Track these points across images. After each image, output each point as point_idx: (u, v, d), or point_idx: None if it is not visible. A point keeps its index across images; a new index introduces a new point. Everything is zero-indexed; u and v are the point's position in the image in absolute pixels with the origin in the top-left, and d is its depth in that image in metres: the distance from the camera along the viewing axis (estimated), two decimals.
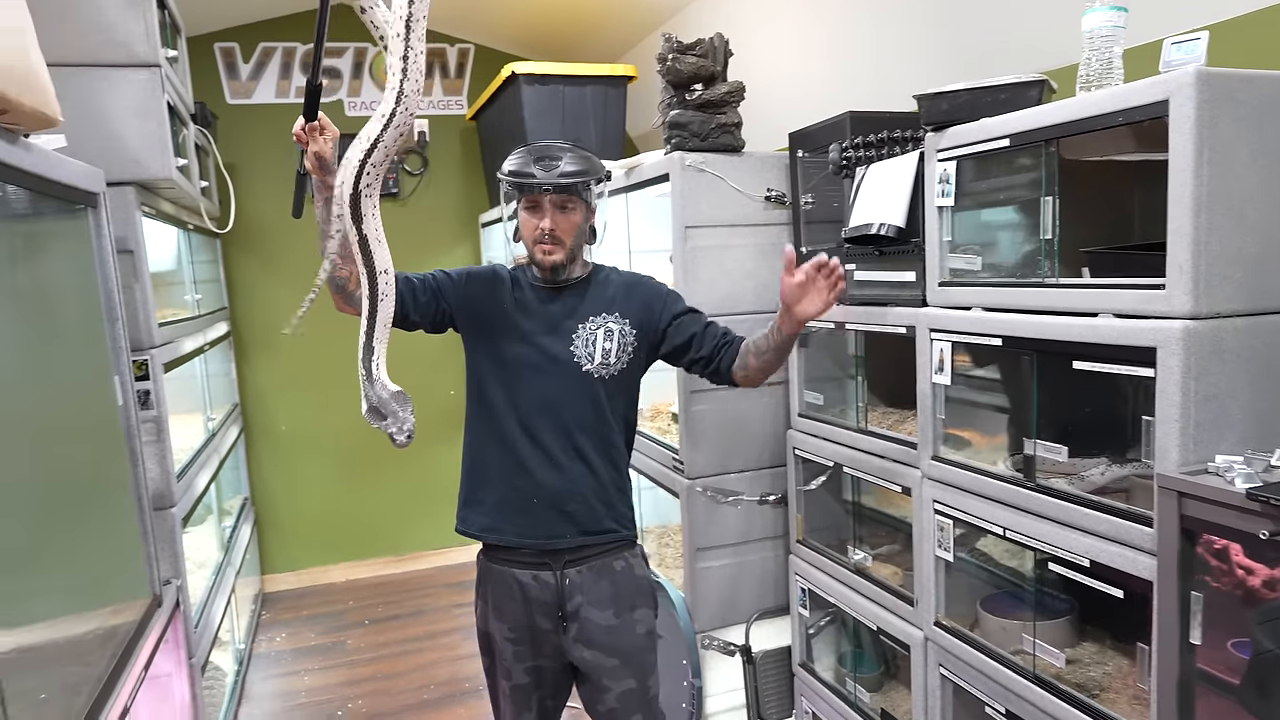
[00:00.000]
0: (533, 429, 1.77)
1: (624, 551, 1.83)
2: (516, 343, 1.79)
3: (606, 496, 1.80)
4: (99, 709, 1.59)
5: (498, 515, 1.80)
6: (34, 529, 1.56)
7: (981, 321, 1.55)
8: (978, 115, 1.56)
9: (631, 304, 1.82)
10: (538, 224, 1.74)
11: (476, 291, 1.83)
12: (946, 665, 1.73)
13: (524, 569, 1.78)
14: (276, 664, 3.51)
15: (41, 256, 1.77)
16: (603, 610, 1.78)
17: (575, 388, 1.77)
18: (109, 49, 2.25)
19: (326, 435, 4.31)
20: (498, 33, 4.28)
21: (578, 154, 1.76)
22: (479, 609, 1.87)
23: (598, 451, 1.79)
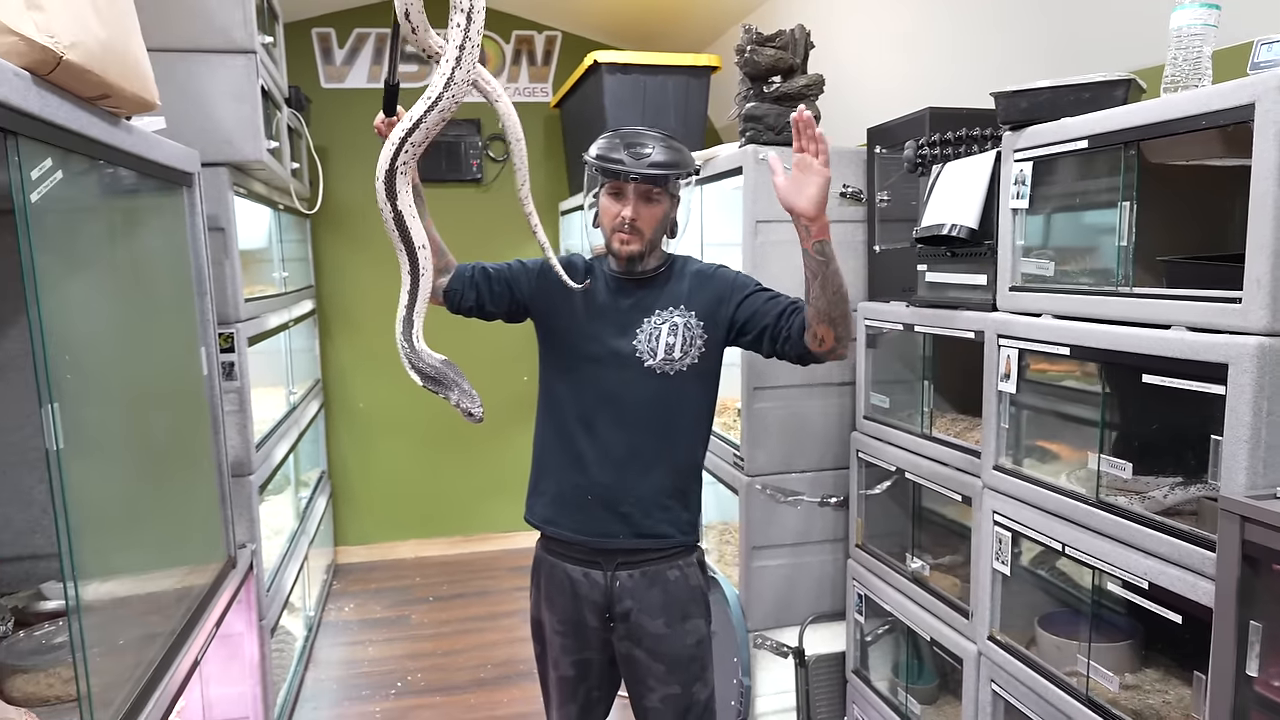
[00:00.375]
0: (592, 424, 1.73)
1: (680, 559, 1.78)
2: (581, 335, 1.76)
3: (664, 499, 1.74)
4: (170, 660, 1.69)
5: (556, 508, 1.78)
6: (126, 487, 1.66)
7: (1050, 329, 1.50)
8: (1058, 115, 1.50)
9: (701, 297, 1.75)
10: (619, 212, 1.69)
11: (549, 283, 1.78)
12: (998, 681, 1.69)
13: (575, 565, 1.77)
14: (344, 633, 3.64)
15: (140, 232, 1.87)
16: (653, 618, 1.74)
17: (637, 384, 1.72)
18: (208, 35, 2.36)
19: (403, 415, 4.44)
20: (585, 20, 4.31)
21: (669, 144, 1.70)
22: (533, 595, 1.88)
23: (659, 451, 1.73)
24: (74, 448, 1.31)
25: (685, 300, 1.75)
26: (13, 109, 1.14)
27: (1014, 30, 2.16)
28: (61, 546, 1.29)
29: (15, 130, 1.16)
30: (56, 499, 1.27)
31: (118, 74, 1.40)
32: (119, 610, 1.56)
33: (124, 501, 1.64)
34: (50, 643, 1.64)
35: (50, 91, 1.26)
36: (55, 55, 1.21)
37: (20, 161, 1.20)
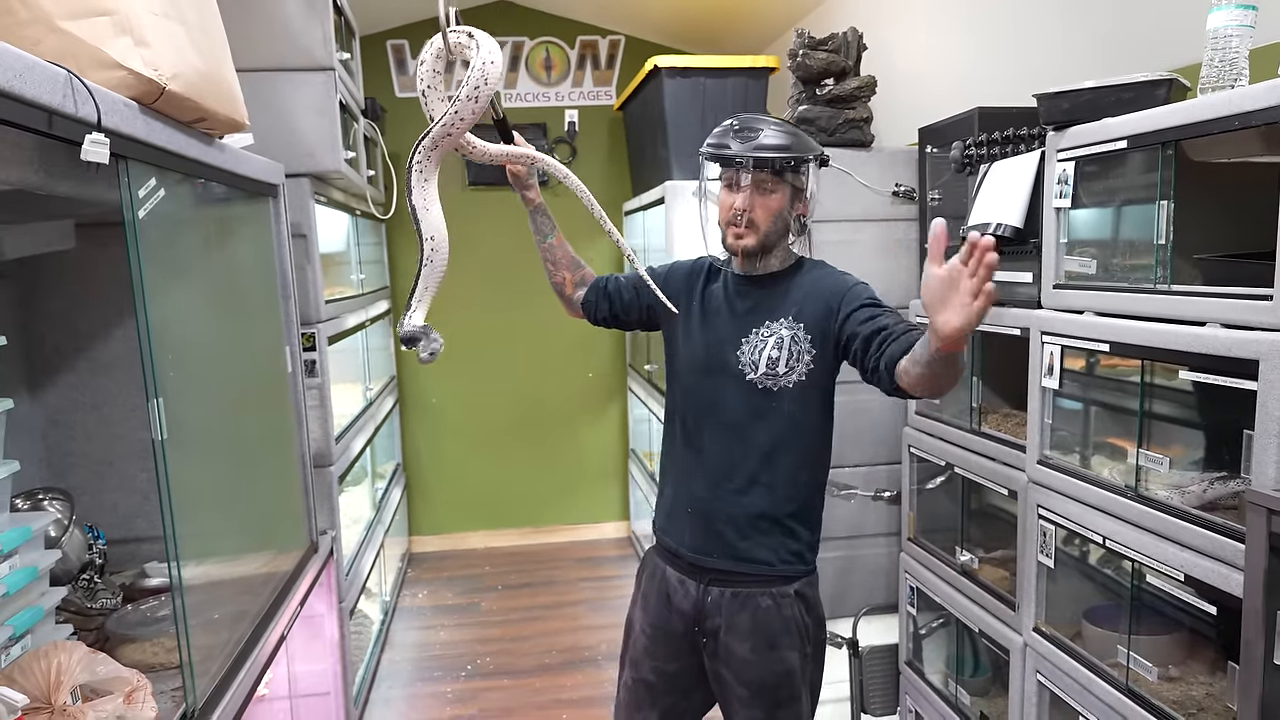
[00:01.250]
0: (695, 434, 1.68)
1: (775, 587, 1.65)
2: (692, 342, 1.71)
3: (761, 523, 1.64)
4: (258, 636, 1.84)
5: (666, 516, 1.77)
6: (220, 476, 1.81)
7: (1091, 326, 1.52)
8: (1100, 115, 1.52)
9: (812, 308, 1.61)
10: (732, 203, 1.60)
11: (672, 289, 1.75)
12: (1043, 672, 1.71)
13: (676, 570, 1.74)
14: (417, 618, 3.81)
15: (231, 240, 2.03)
16: (741, 641, 1.65)
17: (738, 397, 1.63)
18: (292, 55, 2.52)
19: (474, 410, 4.60)
20: (647, 24, 4.40)
21: (784, 129, 1.59)
22: (634, 593, 1.85)
23: (758, 471, 1.62)
24: (174, 439, 1.46)
25: (798, 311, 1.62)
26: (123, 136, 1.28)
27: (1062, 29, 2.17)
28: (166, 529, 1.44)
29: (125, 154, 1.31)
30: (161, 485, 1.42)
31: (213, 100, 1.54)
32: (214, 588, 1.71)
33: (218, 489, 1.80)
34: (154, 616, 1.80)
35: (154, 118, 1.40)
36: (159, 86, 1.35)
37: (129, 182, 1.34)
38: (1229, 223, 1.47)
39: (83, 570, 1.85)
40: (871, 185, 2.40)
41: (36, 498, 1.89)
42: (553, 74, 4.54)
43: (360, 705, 2.97)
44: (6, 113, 1.03)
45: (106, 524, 2.19)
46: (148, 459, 2.32)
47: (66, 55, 1.25)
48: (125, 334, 2.26)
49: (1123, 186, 1.58)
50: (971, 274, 1.16)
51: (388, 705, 3.07)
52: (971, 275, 1.16)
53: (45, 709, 1.22)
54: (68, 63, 1.17)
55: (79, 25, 1.29)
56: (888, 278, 2.44)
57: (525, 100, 4.52)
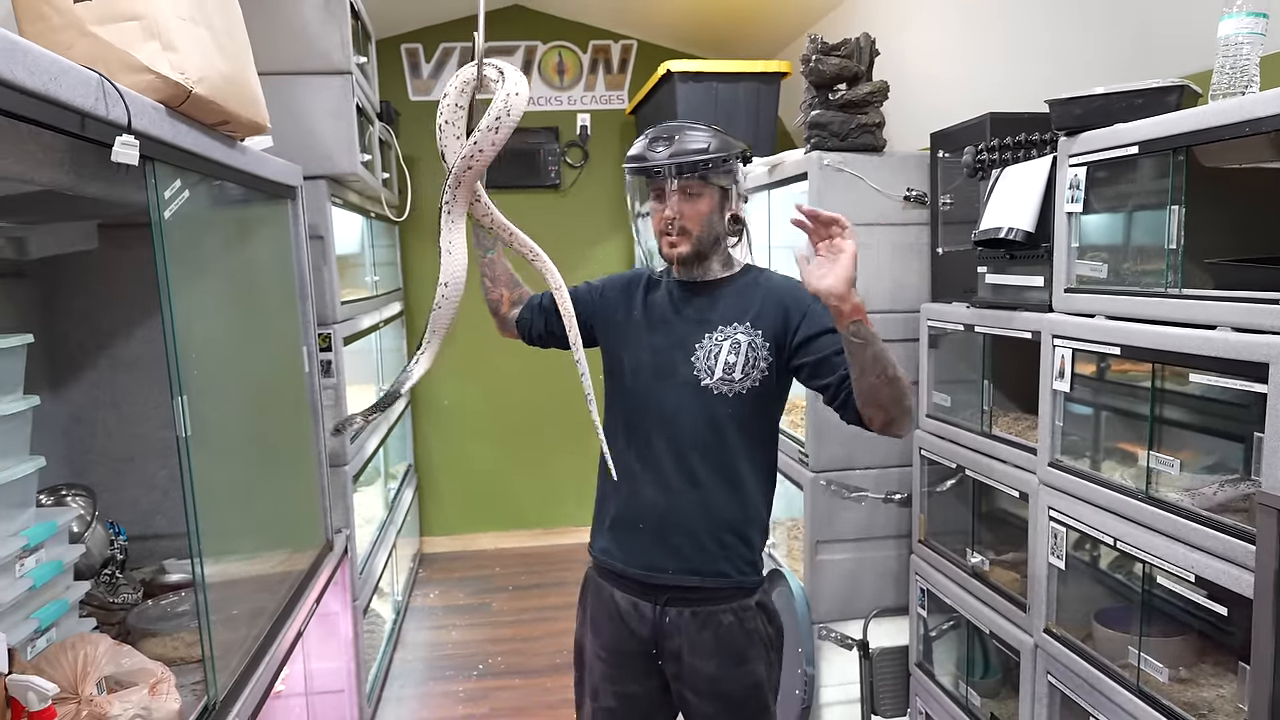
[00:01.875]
0: (647, 445, 1.62)
1: (736, 601, 1.61)
2: (639, 350, 1.65)
3: (720, 534, 1.60)
4: (276, 632, 1.86)
5: (610, 537, 1.69)
6: (239, 474, 1.84)
7: (1102, 329, 1.54)
8: (1112, 120, 1.54)
9: (771, 315, 1.59)
10: (662, 213, 1.58)
11: (611, 300, 1.73)
12: (1054, 673, 1.73)
13: (625, 593, 1.66)
14: (429, 617, 3.83)
15: (250, 241, 2.06)
16: (706, 660, 1.61)
17: (693, 404, 1.59)
18: (310, 58, 2.56)
19: (485, 412, 4.63)
20: (659, 29, 4.42)
21: (701, 132, 1.56)
22: (578, 616, 1.78)
23: (717, 480, 1.59)
24: (196, 436, 1.48)
25: (754, 316, 1.60)
26: (151, 138, 1.31)
27: (1074, 36, 2.18)
28: (189, 525, 1.46)
29: (152, 156, 1.33)
30: (185, 482, 1.44)
31: (236, 103, 1.57)
32: (233, 584, 1.74)
33: (238, 486, 1.82)
34: (174, 611, 1.83)
35: (180, 121, 1.43)
36: (186, 90, 1.38)
37: (156, 183, 1.37)
38: (1239, 227, 1.48)
39: (105, 565, 1.88)
40: (883, 190, 2.42)
41: (60, 493, 1.92)
42: (565, 78, 4.57)
43: (373, 703, 2.99)
44: (43, 115, 1.06)
45: (126, 521, 2.22)
46: (166, 457, 2.35)
47: (97, 59, 1.27)
48: (146, 333, 2.29)
49: (1134, 191, 1.59)
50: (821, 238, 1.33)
51: (400, 703, 3.09)
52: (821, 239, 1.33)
53: (73, 699, 1.24)
54: (98, 66, 1.20)
55: (109, 30, 1.32)
56: (898, 281, 2.45)
57: (538, 104, 4.55)
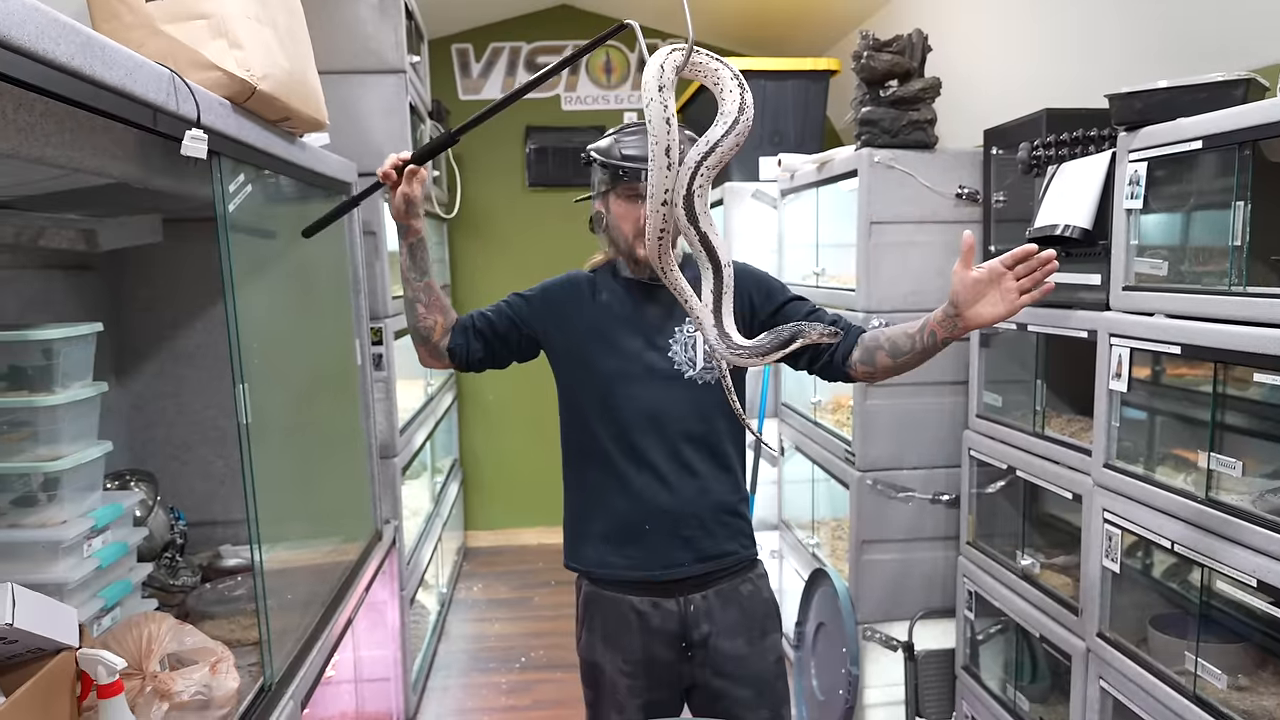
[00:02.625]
0: (636, 448, 1.59)
1: (749, 572, 1.67)
2: (607, 354, 1.61)
3: (723, 515, 1.63)
4: (329, 617, 1.90)
5: (606, 547, 1.64)
6: (294, 463, 1.88)
7: (1162, 328, 1.50)
8: (1174, 115, 1.51)
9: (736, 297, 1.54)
10: (639, 214, 1.53)
11: (556, 307, 1.66)
12: (1107, 678, 1.69)
13: (641, 596, 1.63)
14: (472, 610, 3.88)
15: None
16: (733, 639, 1.63)
17: (678, 397, 1.59)
18: (365, 57, 2.61)
19: (529, 408, 4.67)
20: (708, 28, 4.42)
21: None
22: (583, 638, 1.70)
23: (711, 465, 1.61)
24: (255, 425, 1.52)
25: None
26: (218, 133, 1.35)
27: (1133, 30, 2.14)
28: (248, 512, 1.50)
29: (219, 151, 1.37)
30: (245, 468, 1.48)
31: (298, 99, 1.61)
32: (288, 570, 1.78)
33: (293, 475, 1.87)
34: (230, 595, 1.88)
35: (245, 117, 1.47)
36: (251, 86, 1.42)
37: (222, 176, 1.41)
38: None
39: (165, 549, 1.94)
40: (934, 187, 2.39)
41: (124, 478, 1.98)
42: (613, 77, 4.60)
43: (419, 692, 3.04)
44: (119, 109, 1.10)
45: (184, 507, 2.29)
46: (222, 446, 2.42)
47: (167, 56, 1.32)
48: (205, 325, 2.36)
49: (1196, 189, 1.56)
50: (1019, 276, 1.31)
51: (445, 693, 3.14)
52: (1019, 277, 1.31)
53: (137, 674, 1.28)
54: (168, 63, 1.24)
55: (179, 28, 1.37)
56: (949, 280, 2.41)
57: (585, 103, 4.58)
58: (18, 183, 1.31)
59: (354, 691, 2.43)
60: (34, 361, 1.48)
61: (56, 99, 0.99)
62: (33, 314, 1.90)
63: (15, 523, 1.45)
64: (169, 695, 1.25)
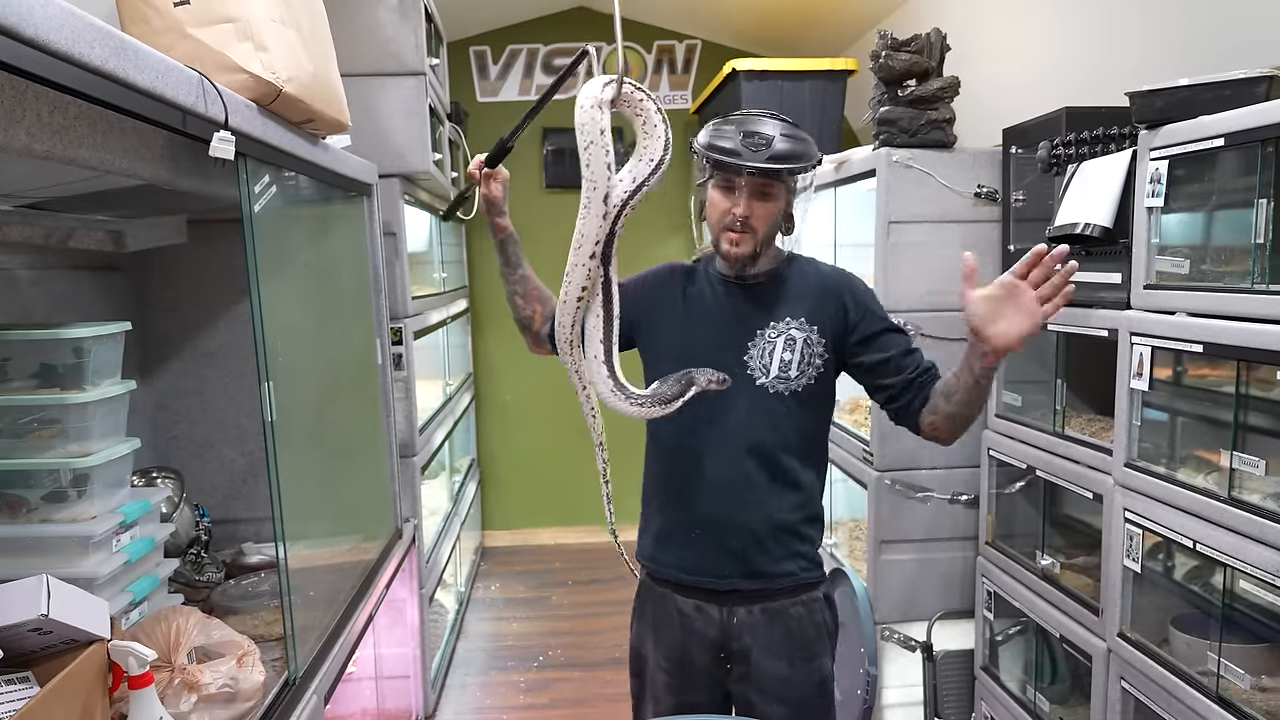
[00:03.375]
0: (696, 451, 1.56)
1: (803, 594, 1.58)
2: (682, 349, 1.57)
3: (781, 533, 1.56)
4: (350, 614, 1.92)
5: (657, 545, 1.64)
6: (316, 461, 1.90)
7: (1183, 327, 1.50)
8: (1195, 113, 1.50)
9: (825, 307, 1.55)
10: (730, 208, 1.49)
11: (648, 299, 1.65)
12: (1128, 678, 1.69)
13: (686, 597, 1.60)
14: (490, 609, 3.90)
15: (328, 236, 2.13)
16: (775, 659, 1.56)
17: (747, 404, 1.53)
18: (385, 60, 2.63)
19: (546, 409, 4.69)
20: (723, 28, 4.43)
21: (792, 134, 1.49)
22: (635, 627, 1.71)
23: (771, 480, 1.54)
24: (278, 423, 1.54)
25: (808, 311, 1.55)
26: (244, 135, 1.37)
27: (1152, 27, 2.13)
28: (273, 508, 1.52)
29: (245, 152, 1.39)
30: (270, 465, 1.50)
31: (321, 101, 1.63)
32: (310, 566, 1.80)
33: (316, 472, 1.89)
34: (254, 591, 1.90)
35: (270, 118, 1.49)
36: (276, 89, 1.44)
37: (248, 178, 1.43)
38: None
39: (190, 545, 1.97)
40: (953, 186, 2.39)
41: (150, 475, 2.01)
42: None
43: (437, 690, 3.06)
44: (150, 111, 1.12)
45: (206, 505, 2.32)
46: (244, 444, 2.45)
47: (195, 59, 1.34)
48: (228, 325, 2.39)
49: (1218, 187, 1.55)
50: (1037, 284, 1.26)
51: (463, 691, 3.15)
52: (1037, 285, 1.26)
53: (166, 667, 1.31)
54: (195, 66, 1.26)
55: (206, 32, 1.39)
56: None
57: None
58: (51, 184, 1.34)
59: (374, 688, 2.45)
60: (65, 360, 1.51)
61: (91, 101, 1.01)
62: (61, 314, 1.93)
63: (47, 518, 1.48)
64: (197, 687, 1.28)
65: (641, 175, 1.33)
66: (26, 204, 1.54)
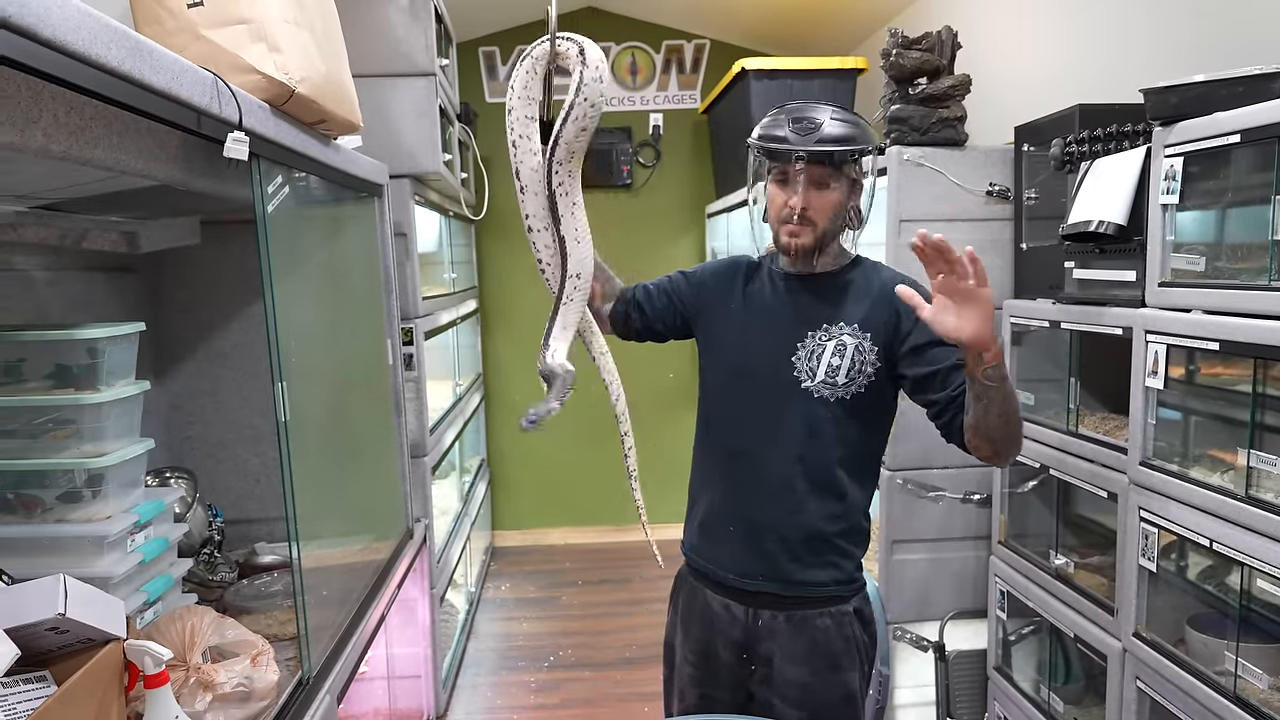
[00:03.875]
0: (739, 448, 1.54)
1: (833, 606, 1.53)
2: (736, 345, 1.56)
3: (816, 542, 1.51)
4: (362, 614, 1.93)
5: (698, 536, 1.63)
6: (329, 461, 1.91)
7: (1199, 325, 1.49)
8: (1210, 109, 1.49)
9: (880, 317, 1.48)
10: (786, 200, 1.45)
11: (709, 291, 1.64)
12: (1144, 678, 1.68)
13: (716, 593, 1.59)
14: (500, 609, 3.90)
15: (339, 237, 2.14)
16: (798, 666, 1.52)
17: (792, 407, 1.49)
18: (396, 60, 2.64)
19: None
20: (733, 28, 4.42)
21: (844, 116, 1.44)
22: (669, 615, 1.72)
23: (811, 487, 1.49)
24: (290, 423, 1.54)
25: (863, 317, 1.49)
26: (258, 135, 1.37)
27: (1164, 24, 2.11)
28: (286, 508, 1.53)
29: (258, 153, 1.40)
30: (284, 465, 1.51)
31: (333, 102, 1.63)
32: (323, 567, 1.81)
33: (328, 473, 1.89)
34: (267, 590, 1.90)
35: (283, 119, 1.50)
36: (289, 89, 1.44)
37: (261, 178, 1.44)
38: None
39: (204, 545, 1.97)
40: (964, 185, 2.38)
41: (164, 475, 2.02)
42: (638, 78, 4.61)
43: (448, 690, 3.06)
44: (165, 111, 1.12)
45: (220, 505, 2.33)
46: (257, 445, 2.46)
47: (209, 60, 1.34)
48: (241, 326, 2.40)
49: (1234, 184, 1.54)
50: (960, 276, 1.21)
51: (474, 691, 3.16)
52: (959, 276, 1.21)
53: (181, 666, 1.31)
54: (210, 67, 1.27)
55: (220, 33, 1.39)
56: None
57: (610, 105, 4.59)
58: (67, 185, 1.35)
59: (386, 688, 2.45)
60: (79, 360, 1.52)
61: (107, 102, 1.02)
62: (76, 315, 1.94)
63: (62, 518, 1.49)
64: (212, 686, 1.28)
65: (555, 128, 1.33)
66: (41, 205, 1.55)
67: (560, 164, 1.36)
